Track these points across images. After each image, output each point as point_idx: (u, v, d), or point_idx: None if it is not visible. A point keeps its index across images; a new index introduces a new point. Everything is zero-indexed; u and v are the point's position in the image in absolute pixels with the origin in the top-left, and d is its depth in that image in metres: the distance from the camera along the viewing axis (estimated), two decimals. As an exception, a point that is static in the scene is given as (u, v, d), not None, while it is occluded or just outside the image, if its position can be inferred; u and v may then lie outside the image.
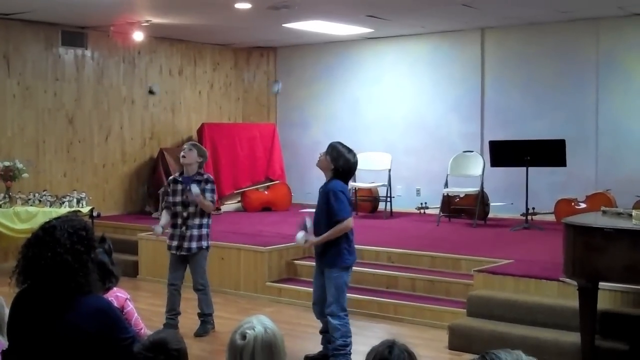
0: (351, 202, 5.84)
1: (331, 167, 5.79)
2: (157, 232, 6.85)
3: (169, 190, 6.88)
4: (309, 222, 5.89)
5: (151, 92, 11.73)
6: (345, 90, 12.53)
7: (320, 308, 5.94)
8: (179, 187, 6.78)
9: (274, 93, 12.22)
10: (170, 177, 7.08)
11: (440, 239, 8.96)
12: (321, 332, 6.13)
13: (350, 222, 5.74)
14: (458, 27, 10.94)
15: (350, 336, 5.81)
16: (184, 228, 6.73)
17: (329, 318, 5.78)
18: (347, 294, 6.02)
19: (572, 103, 10.47)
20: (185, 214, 6.74)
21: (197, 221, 6.73)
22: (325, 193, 5.80)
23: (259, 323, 2.70)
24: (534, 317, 6.27)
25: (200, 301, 6.90)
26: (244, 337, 2.66)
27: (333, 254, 5.78)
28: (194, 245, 6.73)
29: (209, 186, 6.74)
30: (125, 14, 9.68)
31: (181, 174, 6.88)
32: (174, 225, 6.83)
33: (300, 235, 5.87)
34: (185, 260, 6.84)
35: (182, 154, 6.86)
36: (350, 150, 5.84)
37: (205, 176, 6.79)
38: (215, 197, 6.91)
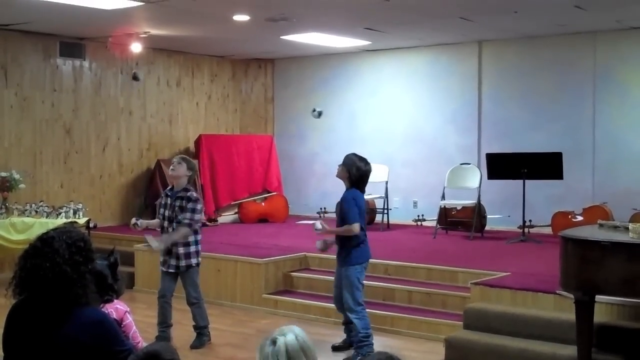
0: (362, 209, 6.42)
1: (347, 177, 6.36)
2: (134, 222, 6.74)
3: (161, 202, 6.88)
4: (317, 225, 6.52)
5: (135, 78, 11.60)
6: (342, 102, 12.55)
7: (340, 304, 6.57)
8: (168, 201, 6.75)
9: (314, 116, 12.58)
10: (164, 191, 7.06)
11: (437, 252, 8.96)
12: (343, 323, 6.78)
13: (355, 227, 6.29)
14: (455, 39, 10.97)
15: (370, 327, 6.38)
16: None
17: (348, 314, 6.41)
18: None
19: (569, 116, 10.49)
20: (170, 229, 6.70)
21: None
22: (340, 201, 6.41)
23: (291, 331, 2.72)
24: (530, 330, 6.26)
25: (195, 314, 6.86)
26: (274, 342, 2.67)
27: (345, 254, 6.40)
28: (182, 263, 6.66)
29: (190, 205, 6.61)
30: (124, 25, 9.70)
31: (172, 188, 6.84)
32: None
33: (319, 224, 6.54)
34: (174, 275, 6.79)
35: (171, 167, 6.86)
36: (362, 159, 6.40)
37: (188, 194, 6.67)
38: (198, 216, 6.70)
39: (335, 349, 6.75)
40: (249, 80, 13.34)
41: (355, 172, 6.33)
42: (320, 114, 12.58)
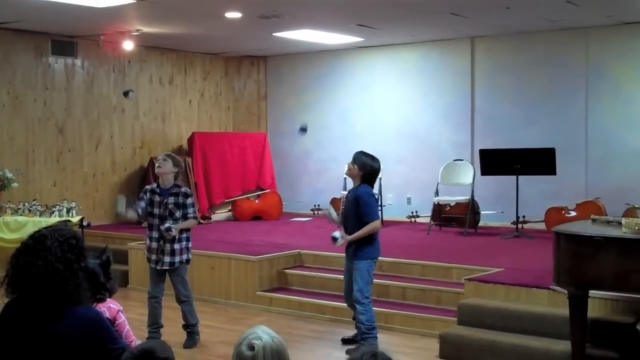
0: (376, 204, 6.81)
1: (360, 174, 6.53)
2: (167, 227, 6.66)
3: (145, 198, 6.71)
4: (337, 234, 6.53)
5: (126, 94, 11.64)
6: (335, 99, 12.54)
7: (351, 299, 6.61)
8: (157, 198, 6.66)
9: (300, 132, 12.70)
10: (148, 187, 6.88)
11: (431, 248, 8.97)
12: (353, 318, 6.80)
13: (378, 223, 6.53)
14: (448, 35, 10.97)
15: (375, 321, 6.50)
16: (161, 242, 6.64)
17: (356, 305, 6.46)
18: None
19: (561, 111, 10.51)
20: (162, 228, 6.65)
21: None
22: (355, 198, 6.50)
23: (264, 333, 2.69)
24: (524, 325, 6.27)
25: (185, 312, 6.83)
26: (252, 347, 2.64)
27: (358, 249, 6.49)
28: (176, 259, 6.65)
29: (189, 200, 6.66)
30: (116, 23, 9.68)
31: (158, 185, 6.76)
32: (150, 238, 6.74)
33: (338, 234, 6.53)
34: (164, 273, 6.77)
35: (157, 164, 6.79)
36: (373, 158, 6.60)
37: (183, 190, 6.69)
38: (196, 208, 6.87)
39: (345, 341, 6.80)
40: (241, 78, 13.32)
41: (370, 170, 6.55)
42: (303, 129, 12.67)
